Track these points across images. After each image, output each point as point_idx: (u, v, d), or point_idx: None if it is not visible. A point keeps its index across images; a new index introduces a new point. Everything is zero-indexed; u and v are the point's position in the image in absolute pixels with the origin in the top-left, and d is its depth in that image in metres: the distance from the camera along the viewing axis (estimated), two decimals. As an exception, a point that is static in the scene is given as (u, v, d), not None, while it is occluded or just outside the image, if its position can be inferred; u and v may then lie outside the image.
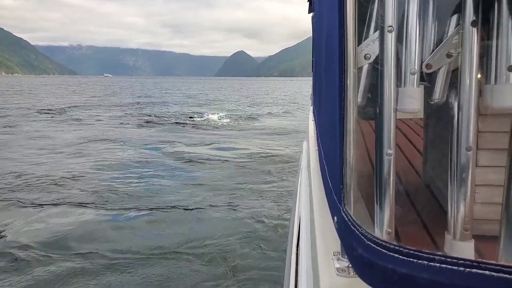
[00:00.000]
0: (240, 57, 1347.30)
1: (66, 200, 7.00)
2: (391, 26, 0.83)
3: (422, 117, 1.90)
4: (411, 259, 0.62)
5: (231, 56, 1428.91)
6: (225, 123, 18.41)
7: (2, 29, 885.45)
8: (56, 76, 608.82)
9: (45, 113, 22.25)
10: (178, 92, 55.49)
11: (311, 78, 4.26)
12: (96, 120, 19.22)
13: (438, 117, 1.61)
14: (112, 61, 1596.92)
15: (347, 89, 0.90)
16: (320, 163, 1.77)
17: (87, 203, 6.84)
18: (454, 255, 0.57)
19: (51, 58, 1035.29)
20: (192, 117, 20.35)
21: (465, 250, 0.86)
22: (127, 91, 56.34)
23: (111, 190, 7.60)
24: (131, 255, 4.94)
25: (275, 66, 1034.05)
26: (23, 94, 45.37)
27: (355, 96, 0.91)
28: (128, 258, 4.85)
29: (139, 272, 4.53)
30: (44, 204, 6.83)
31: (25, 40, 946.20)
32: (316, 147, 2.43)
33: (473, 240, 0.87)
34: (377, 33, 0.88)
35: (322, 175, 1.61)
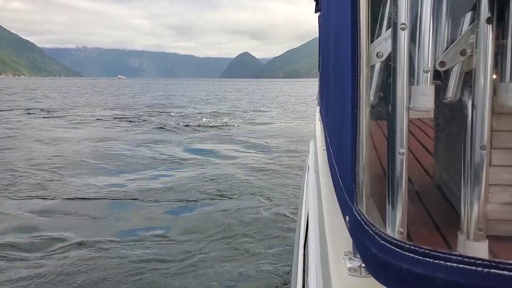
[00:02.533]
0: (244, 58, 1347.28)
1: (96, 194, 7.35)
2: (404, 24, 0.81)
3: (431, 117, 1.86)
4: (427, 259, 0.61)
5: (235, 57, 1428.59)
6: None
7: (9, 31, 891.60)
8: (62, 78, 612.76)
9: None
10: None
11: (316, 79, 4.28)
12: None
13: (449, 117, 1.59)
14: (118, 63, 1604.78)
15: (359, 88, 0.89)
16: (329, 163, 1.74)
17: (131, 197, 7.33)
18: (468, 256, 0.56)
19: (57, 60, 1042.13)
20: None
21: (479, 250, 0.84)
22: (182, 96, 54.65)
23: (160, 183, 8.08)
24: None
25: (280, 67, 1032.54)
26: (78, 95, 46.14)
27: (367, 95, 0.90)
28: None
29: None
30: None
31: (32, 43, 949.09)
32: (324, 147, 2.41)
33: (487, 240, 0.85)
34: (390, 31, 0.86)
35: (331, 175, 1.59)
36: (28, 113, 21.73)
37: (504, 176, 1.16)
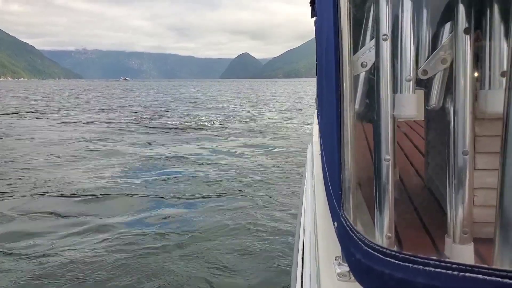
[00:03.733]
0: (244, 58, 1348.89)
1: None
2: (385, 35, 0.84)
3: (423, 118, 1.93)
4: (407, 264, 0.62)
5: (235, 58, 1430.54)
6: None
7: (8, 34, 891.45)
8: (63, 80, 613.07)
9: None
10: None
11: (315, 79, 4.22)
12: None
13: (438, 121, 1.61)
14: (118, 65, 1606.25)
15: (343, 96, 0.91)
16: (322, 168, 1.76)
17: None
18: (454, 259, 0.59)
19: (57, 63, 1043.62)
20: None
21: (465, 253, 0.85)
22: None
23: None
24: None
25: (280, 67, 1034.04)
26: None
27: (352, 103, 0.91)
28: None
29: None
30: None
31: (31, 45, 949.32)
32: (320, 152, 2.42)
33: (472, 243, 0.86)
34: (373, 41, 0.89)
35: (324, 181, 1.60)
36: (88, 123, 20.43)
37: (488, 180, 1.17)
